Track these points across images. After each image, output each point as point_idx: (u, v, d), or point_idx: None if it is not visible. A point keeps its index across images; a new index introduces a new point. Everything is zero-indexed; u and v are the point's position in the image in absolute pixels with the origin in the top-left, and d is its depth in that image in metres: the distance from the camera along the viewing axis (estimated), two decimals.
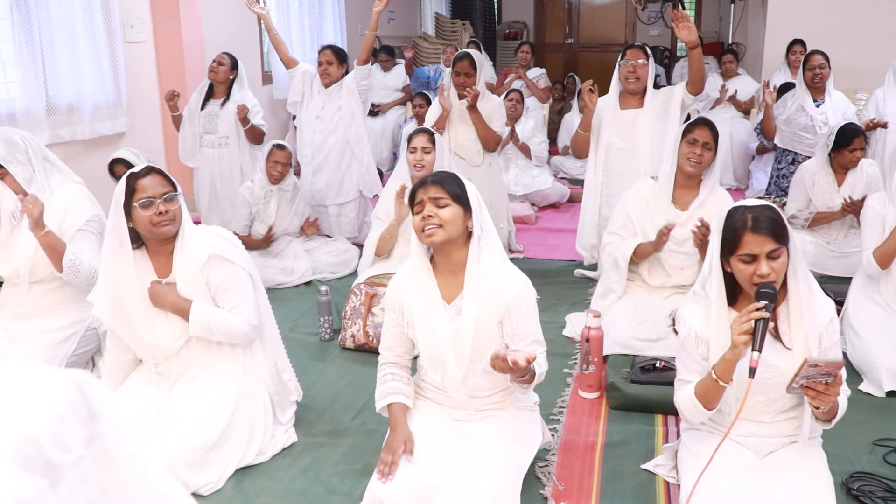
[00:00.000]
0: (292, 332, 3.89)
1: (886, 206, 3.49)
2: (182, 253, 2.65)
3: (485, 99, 4.72)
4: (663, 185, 3.62)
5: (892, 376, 3.22)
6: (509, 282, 2.35)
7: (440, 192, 2.31)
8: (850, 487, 2.55)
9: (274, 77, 7.43)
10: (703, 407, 2.18)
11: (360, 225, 5.37)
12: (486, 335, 2.35)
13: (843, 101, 5.53)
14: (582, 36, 12.87)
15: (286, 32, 7.16)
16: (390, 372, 2.50)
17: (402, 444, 2.32)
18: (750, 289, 2.12)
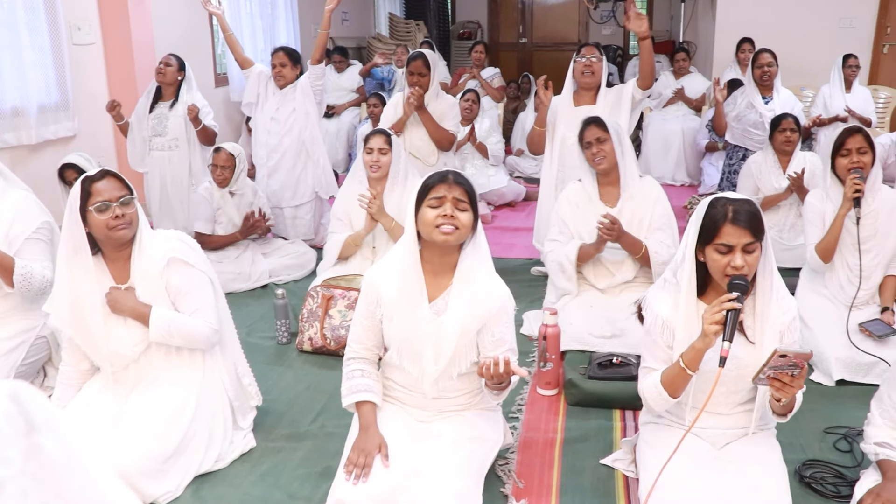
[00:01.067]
0: (249, 337, 3.85)
1: (825, 202, 3.57)
2: (140, 257, 2.60)
3: (439, 99, 4.72)
4: (588, 187, 3.67)
5: (841, 366, 3.31)
6: (495, 291, 2.36)
7: (464, 195, 2.29)
8: (803, 475, 2.61)
9: (228, 79, 7.35)
10: (669, 395, 2.21)
11: (316, 227, 5.34)
12: (466, 341, 2.35)
13: (791, 98, 5.66)
14: (536, 35, 12.94)
15: (238, 33, 7.08)
16: (359, 368, 2.46)
17: (377, 447, 2.29)
18: (722, 280, 2.15)
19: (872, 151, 3.45)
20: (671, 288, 2.30)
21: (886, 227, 3.48)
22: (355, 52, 9.94)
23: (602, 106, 4.23)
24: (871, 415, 2.28)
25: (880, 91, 7.77)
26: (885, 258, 3.51)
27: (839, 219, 3.44)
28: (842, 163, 3.47)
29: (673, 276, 2.30)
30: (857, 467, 2.63)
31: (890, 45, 8.28)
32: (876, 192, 3.47)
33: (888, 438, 2.20)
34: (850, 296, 3.48)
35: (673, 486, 2.15)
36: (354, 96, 8.34)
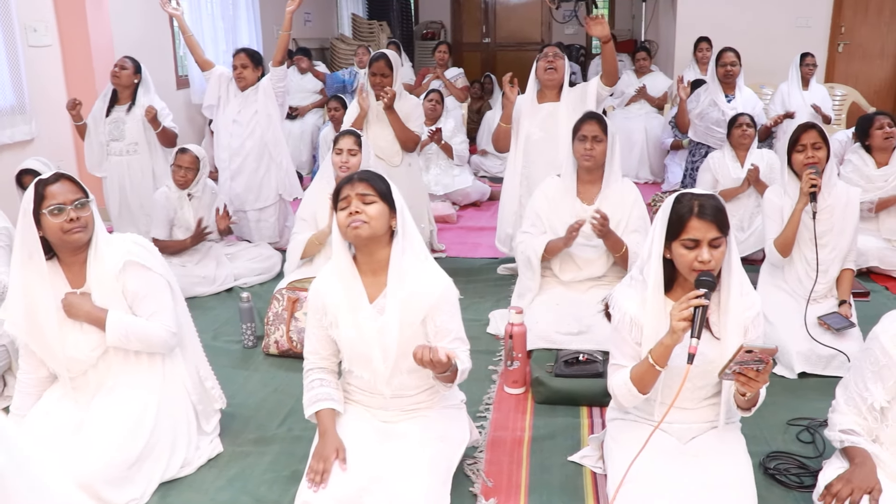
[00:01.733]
0: (215, 341, 3.82)
1: (782, 197, 3.63)
2: (96, 261, 2.57)
3: (402, 99, 4.72)
4: (566, 182, 3.69)
5: (802, 359, 3.37)
6: (432, 281, 2.36)
7: (367, 188, 2.30)
8: (767, 467, 2.66)
9: (189, 81, 7.27)
10: (638, 391, 2.23)
11: (280, 229, 5.31)
12: (409, 334, 2.35)
13: (752, 97, 5.75)
14: (499, 35, 12.98)
15: (199, 34, 7.01)
16: (318, 378, 2.47)
17: (334, 451, 2.30)
18: (689, 275, 2.18)
19: (827, 147, 3.51)
20: (638, 285, 2.32)
21: (842, 221, 3.54)
22: (318, 54, 9.88)
23: (565, 103, 4.27)
24: (837, 402, 2.32)
25: (836, 88, 7.92)
26: (841, 252, 3.57)
27: (796, 213, 3.49)
28: (798, 158, 3.53)
29: (639, 273, 2.32)
30: (820, 457, 2.68)
31: (844, 44, 8.46)
32: (831, 187, 3.53)
33: (853, 425, 2.23)
34: (808, 289, 3.54)
35: (640, 481, 2.18)
36: (318, 97, 8.30)
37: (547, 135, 4.31)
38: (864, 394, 2.22)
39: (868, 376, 2.21)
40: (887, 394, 2.19)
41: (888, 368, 2.17)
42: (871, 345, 2.22)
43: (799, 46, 7.08)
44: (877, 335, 2.21)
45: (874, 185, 4.66)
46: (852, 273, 3.66)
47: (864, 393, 2.22)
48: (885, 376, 2.18)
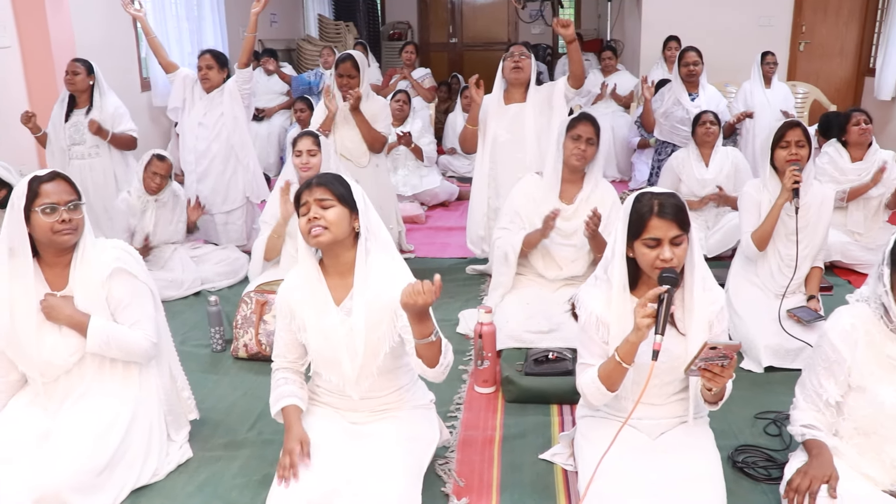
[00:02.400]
0: (183, 345, 3.77)
1: (761, 192, 3.68)
2: (82, 265, 2.53)
3: (369, 100, 4.71)
4: (550, 181, 3.70)
5: (770, 353, 3.41)
6: (398, 281, 2.35)
7: (325, 193, 2.30)
8: (736, 460, 2.70)
9: (153, 83, 7.16)
10: (607, 389, 2.24)
11: (248, 232, 5.27)
12: (378, 335, 2.35)
13: (716, 95, 5.80)
14: (466, 35, 13.00)
15: (164, 36, 6.92)
16: (283, 377, 2.48)
17: (298, 444, 2.29)
18: (652, 273, 2.20)
19: (809, 146, 3.57)
20: (602, 284, 2.34)
21: (817, 219, 3.61)
22: (285, 55, 9.83)
23: (532, 103, 4.29)
24: (796, 399, 2.36)
25: (798, 87, 8.03)
26: (814, 249, 3.64)
27: (776, 208, 3.54)
28: (781, 154, 3.57)
29: (604, 272, 2.34)
30: (786, 450, 2.72)
31: (805, 43, 8.61)
32: (808, 185, 3.58)
33: (813, 420, 2.28)
34: (780, 285, 3.59)
35: (611, 477, 2.19)
36: (284, 99, 8.26)
37: (514, 136, 4.32)
38: (818, 390, 2.27)
39: (821, 373, 2.26)
40: (839, 388, 2.23)
41: (838, 364, 2.21)
42: (822, 342, 2.27)
43: (762, 45, 7.17)
44: (826, 332, 2.26)
45: (848, 178, 4.77)
46: (821, 271, 3.74)
47: (818, 390, 2.27)
48: (835, 372, 2.22)
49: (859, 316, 2.21)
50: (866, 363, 2.18)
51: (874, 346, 2.18)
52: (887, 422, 2.16)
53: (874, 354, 2.17)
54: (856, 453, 2.22)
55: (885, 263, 2.14)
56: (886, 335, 2.17)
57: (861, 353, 2.18)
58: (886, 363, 2.16)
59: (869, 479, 2.20)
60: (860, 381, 2.19)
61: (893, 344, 2.16)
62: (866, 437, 2.21)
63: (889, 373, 2.16)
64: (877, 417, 2.18)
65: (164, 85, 6.59)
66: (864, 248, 4.72)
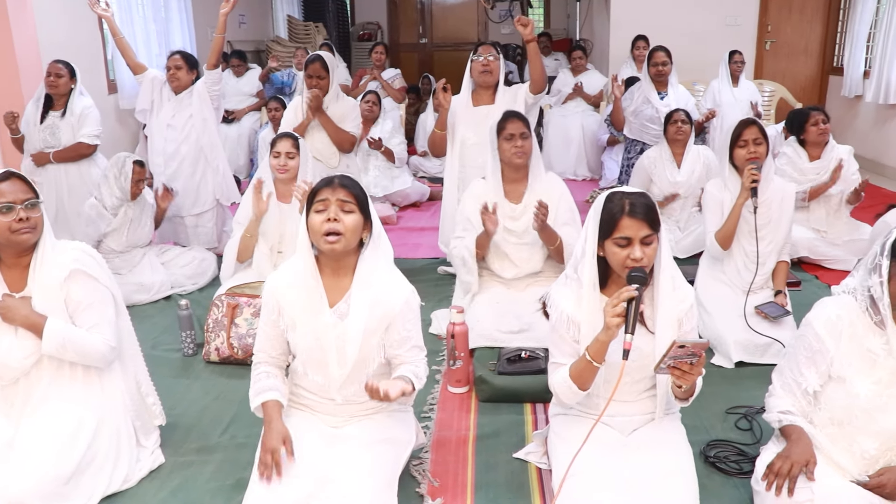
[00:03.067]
0: (154, 350, 3.74)
1: (723, 191, 3.71)
2: (41, 266, 2.49)
3: (339, 101, 4.69)
4: (493, 184, 3.71)
5: (740, 348, 3.45)
6: (396, 290, 2.35)
7: (349, 196, 2.26)
8: (708, 455, 2.72)
9: (120, 85, 7.08)
10: (578, 388, 2.25)
11: (218, 234, 5.23)
12: (372, 343, 2.34)
13: (685, 94, 5.86)
14: (435, 35, 13.02)
15: (131, 37, 6.84)
16: (264, 371, 2.44)
17: (281, 441, 2.26)
18: (622, 272, 2.20)
19: (767, 143, 3.61)
20: (573, 283, 2.34)
21: (779, 215, 3.65)
22: (254, 56, 9.78)
23: (501, 104, 4.27)
24: (773, 387, 2.38)
25: (765, 85, 8.13)
26: (777, 244, 3.68)
27: (737, 208, 3.58)
28: (739, 153, 3.61)
29: (574, 271, 2.35)
30: (757, 444, 2.76)
31: (771, 42, 8.73)
32: (769, 182, 3.62)
33: (790, 407, 2.31)
34: (747, 281, 3.63)
35: (584, 474, 2.20)
36: (254, 100, 8.20)
37: (481, 139, 4.30)
38: (798, 379, 2.29)
39: (802, 362, 2.28)
40: (820, 378, 2.26)
41: (821, 354, 2.23)
42: (805, 331, 2.29)
43: (729, 44, 7.26)
44: (810, 322, 2.27)
45: (807, 177, 4.79)
46: (787, 265, 3.77)
47: (798, 378, 2.29)
48: (817, 361, 2.25)
49: (844, 307, 2.23)
50: (848, 354, 2.20)
51: (857, 338, 2.20)
52: (861, 414, 2.19)
53: (856, 346, 2.20)
54: (828, 443, 2.25)
55: (885, 255, 2.13)
56: (869, 328, 2.19)
57: (844, 344, 2.21)
58: (867, 356, 2.19)
59: (839, 468, 2.23)
60: (840, 372, 2.21)
61: (875, 337, 2.18)
62: (840, 427, 2.24)
63: (868, 365, 2.19)
64: (851, 409, 2.21)
65: (132, 87, 6.53)
66: (830, 244, 4.78)
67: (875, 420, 2.18)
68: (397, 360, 2.38)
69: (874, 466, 2.22)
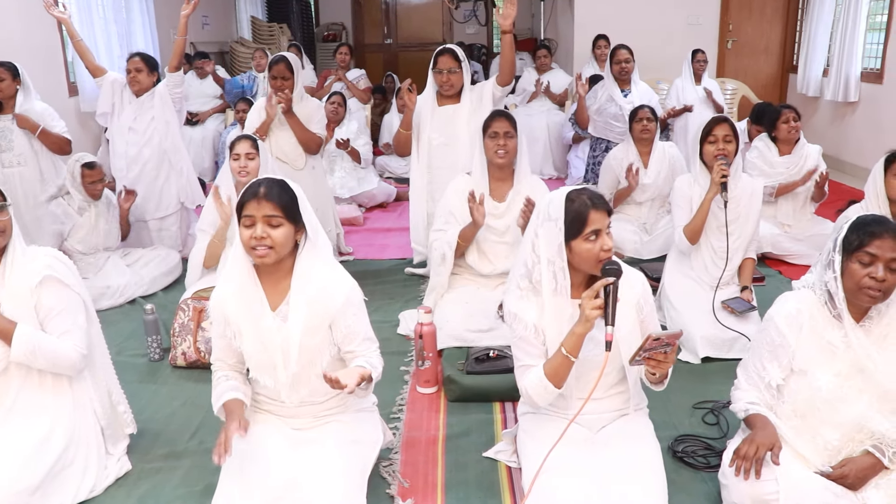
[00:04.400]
0: (119, 356, 3.69)
1: (692, 187, 3.76)
2: (11, 272, 2.45)
3: (304, 102, 4.67)
4: (479, 181, 3.72)
5: (706, 343, 3.49)
6: (336, 286, 2.33)
7: (274, 210, 2.23)
8: (676, 450, 2.75)
9: (80, 87, 6.97)
10: (554, 386, 2.26)
11: (183, 238, 5.19)
12: (316, 341, 2.33)
13: (648, 91, 5.92)
14: (400, 36, 13.01)
15: (91, 39, 6.73)
16: (223, 375, 2.43)
17: (237, 424, 2.19)
18: (595, 267, 2.22)
19: (736, 141, 3.66)
20: (529, 295, 2.34)
21: (747, 211, 3.70)
22: (217, 57, 9.68)
23: (466, 103, 4.28)
24: (738, 381, 2.42)
25: (727, 83, 8.24)
26: (744, 241, 3.72)
27: (706, 203, 3.62)
28: (709, 150, 3.65)
29: (528, 282, 2.33)
30: (724, 438, 2.80)
31: (733, 41, 8.85)
32: (738, 179, 3.67)
33: (755, 399, 2.35)
34: (714, 277, 3.67)
35: (554, 472, 2.21)
36: (218, 102, 8.13)
37: (448, 139, 4.32)
38: (761, 373, 2.33)
39: (765, 356, 2.32)
40: (782, 372, 2.30)
41: (782, 348, 2.28)
42: (767, 326, 2.33)
43: (691, 43, 7.36)
44: (771, 316, 2.32)
45: (776, 171, 4.87)
46: (753, 262, 3.82)
47: (761, 372, 2.33)
48: (779, 355, 2.29)
49: (804, 301, 2.28)
50: (808, 347, 2.25)
51: (816, 331, 2.25)
52: (823, 405, 2.23)
53: (816, 339, 2.25)
54: (793, 434, 2.28)
55: (837, 250, 2.19)
56: (829, 321, 2.24)
57: (805, 337, 2.25)
58: (827, 348, 2.23)
59: (803, 459, 2.27)
60: (802, 365, 2.26)
61: (834, 330, 2.23)
62: (803, 419, 2.28)
63: (828, 358, 2.23)
64: (813, 401, 2.25)
65: (93, 89, 6.41)
66: (794, 240, 4.85)
67: (837, 411, 2.22)
68: (350, 356, 2.36)
69: (837, 457, 2.26)
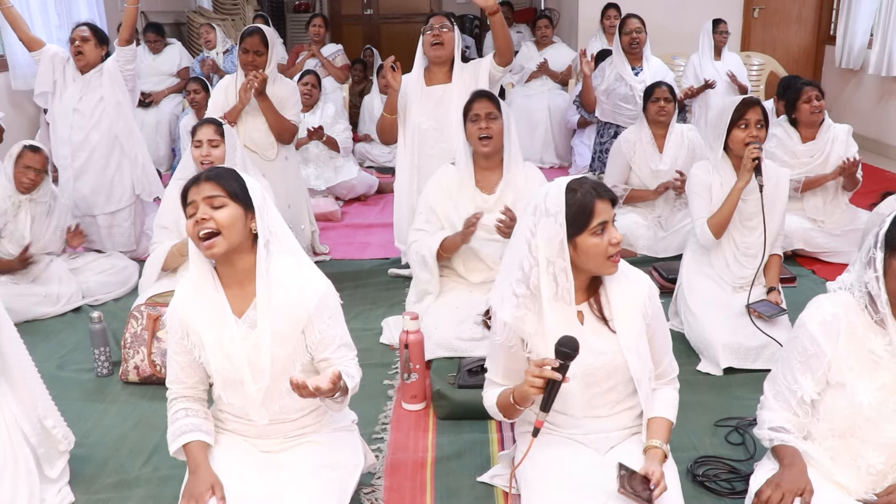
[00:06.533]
0: (61, 371, 3.68)
1: (711, 174, 3.75)
2: None
3: (277, 83, 4.66)
4: (463, 172, 3.73)
5: (729, 352, 3.48)
6: (308, 286, 2.33)
7: (215, 189, 2.25)
8: (696, 474, 2.75)
9: (12, 63, 6.87)
10: (504, 417, 2.33)
11: (137, 236, 5.17)
12: (288, 350, 2.32)
13: (662, 68, 5.90)
14: (382, 6, 12.99)
15: (23, 5, 6.65)
16: (182, 407, 2.39)
17: (209, 489, 2.22)
18: (603, 266, 2.24)
19: (767, 126, 3.66)
20: (528, 302, 2.32)
21: (772, 203, 3.67)
22: (173, 30, 9.64)
23: (458, 83, 4.28)
24: (765, 397, 2.39)
25: (753, 57, 8.24)
26: (771, 235, 3.70)
27: (736, 191, 3.61)
28: (739, 136, 3.63)
29: (526, 288, 2.31)
30: (751, 460, 2.79)
31: (760, 8, 8.80)
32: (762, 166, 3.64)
33: (783, 422, 2.30)
34: (737, 276, 3.68)
35: (557, 498, 2.21)
36: (175, 81, 8.10)
37: (438, 123, 4.32)
38: (793, 386, 2.28)
39: (796, 367, 2.28)
40: (817, 385, 2.25)
41: (816, 357, 2.23)
42: (798, 333, 2.29)
43: (711, 12, 7.34)
44: (803, 322, 2.28)
45: (799, 160, 4.83)
46: (780, 258, 3.83)
47: (793, 386, 2.29)
48: (813, 366, 2.24)
49: (841, 305, 2.23)
50: (847, 357, 2.20)
51: (856, 338, 2.20)
52: (864, 423, 2.20)
53: (856, 348, 2.20)
54: (829, 458, 2.26)
55: (879, 247, 2.14)
56: (869, 327, 2.20)
57: (842, 346, 2.21)
58: (867, 358, 2.19)
59: (841, 487, 2.24)
60: (839, 378, 2.22)
61: (876, 337, 2.19)
62: (842, 439, 2.25)
63: (870, 369, 2.19)
64: (854, 418, 2.21)
65: (28, 65, 6.35)
66: (828, 234, 4.84)
67: (881, 430, 2.19)
68: (325, 365, 2.35)
69: (882, 483, 2.23)
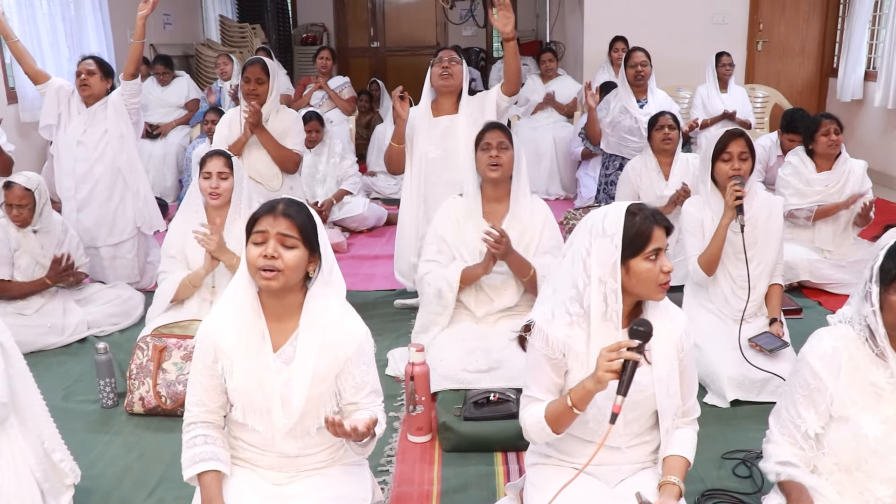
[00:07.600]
0: (66, 402, 3.69)
1: (702, 209, 3.78)
2: None
3: (280, 114, 4.70)
4: (470, 202, 3.75)
5: (734, 385, 3.49)
6: (349, 332, 2.34)
7: (291, 228, 2.24)
8: None
9: (21, 94, 6.96)
10: (552, 430, 2.25)
11: (141, 267, 5.18)
12: (320, 390, 2.32)
13: (667, 100, 5.93)
14: (389, 39, 13.11)
15: (33, 39, 6.71)
16: (202, 434, 2.36)
17: None
18: (653, 292, 2.23)
19: (753, 158, 3.67)
20: (581, 321, 2.29)
21: (766, 233, 3.70)
22: (182, 62, 9.74)
23: (465, 115, 4.33)
24: (770, 432, 2.38)
25: (757, 90, 8.28)
26: (768, 266, 3.73)
27: (721, 229, 3.63)
28: (722, 168, 3.66)
29: (579, 307, 2.29)
30: (758, 493, 2.78)
31: (763, 41, 8.88)
32: (752, 197, 3.67)
33: (790, 456, 2.29)
34: (736, 309, 3.67)
35: None
36: (182, 113, 8.17)
37: (445, 153, 4.35)
38: (796, 421, 2.28)
39: (799, 401, 2.28)
40: (820, 419, 2.25)
41: (819, 392, 2.23)
42: (800, 367, 2.29)
43: (716, 45, 7.40)
44: (805, 356, 2.28)
45: (814, 188, 4.85)
46: (781, 288, 3.83)
47: (796, 420, 2.28)
48: (816, 400, 2.24)
49: (842, 338, 2.24)
50: (848, 391, 2.20)
51: (858, 371, 2.20)
52: (870, 457, 2.19)
53: (857, 381, 2.20)
54: (835, 492, 2.24)
55: (874, 281, 2.14)
56: (871, 360, 2.20)
57: (844, 379, 2.21)
58: (869, 391, 2.19)
59: None
60: (842, 411, 2.21)
61: (878, 370, 2.19)
62: (848, 473, 2.24)
63: (873, 402, 2.19)
64: (859, 452, 2.20)
65: (36, 96, 6.41)
66: (835, 266, 4.84)
67: (888, 463, 2.18)
68: (353, 409, 2.35)
69: None
